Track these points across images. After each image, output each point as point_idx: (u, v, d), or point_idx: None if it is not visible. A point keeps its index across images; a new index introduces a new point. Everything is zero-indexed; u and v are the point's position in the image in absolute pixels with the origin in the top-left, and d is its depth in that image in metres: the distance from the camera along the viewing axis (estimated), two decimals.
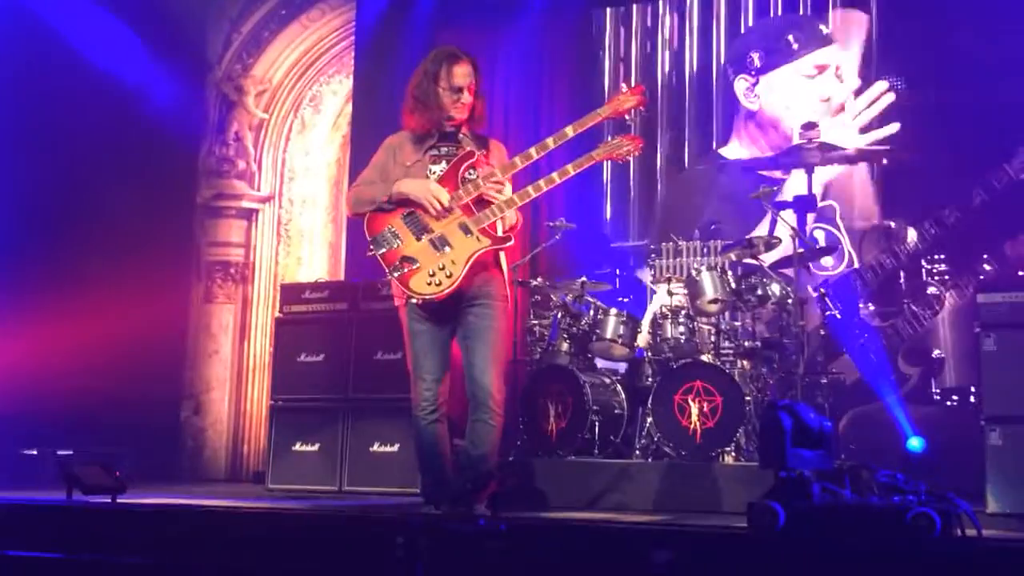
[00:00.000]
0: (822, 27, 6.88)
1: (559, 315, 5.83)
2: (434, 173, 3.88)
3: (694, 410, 5.15)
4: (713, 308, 5.46)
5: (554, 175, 3.92)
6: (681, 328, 5.51)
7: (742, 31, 7.22)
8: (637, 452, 5.47)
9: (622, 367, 5.95)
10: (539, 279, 6.10)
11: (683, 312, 5.56)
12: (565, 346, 5.75)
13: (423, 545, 2.97)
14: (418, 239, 3.79)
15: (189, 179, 8.05)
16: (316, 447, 5.69)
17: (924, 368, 5.60)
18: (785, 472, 2.96)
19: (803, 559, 2.77)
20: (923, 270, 5.64)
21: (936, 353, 5.50)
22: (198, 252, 8.03)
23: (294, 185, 8.16)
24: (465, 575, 3.08)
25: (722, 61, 7.26)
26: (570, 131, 3.94)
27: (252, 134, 8.17)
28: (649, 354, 5.70)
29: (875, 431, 5.50)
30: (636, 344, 5.71)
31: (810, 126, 6.19)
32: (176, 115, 7.78)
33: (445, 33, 7.39)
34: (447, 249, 3.74)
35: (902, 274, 5.68)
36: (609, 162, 4.09)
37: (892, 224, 5.84)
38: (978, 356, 4.63)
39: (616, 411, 5.59)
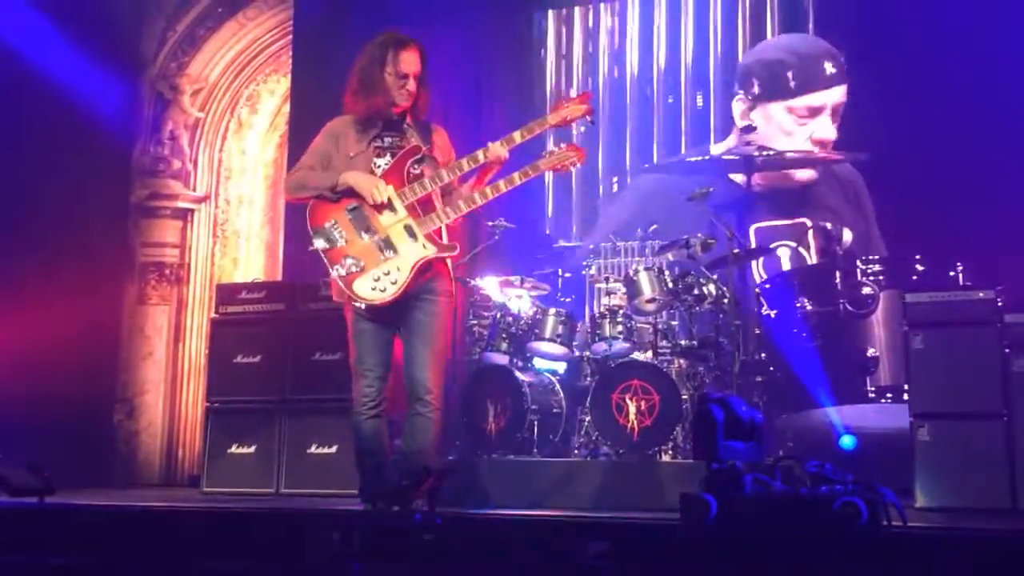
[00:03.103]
0: (828, 66, 6.75)
1: (498, 315, 5.85)
2: (379, 167, 3.83)
3: (631, 409, 5.21)
4: (650, 307, 5.54)
5: (501, 183, 3.93)
6: (619, 327, 5.56)
7: (681, 35, 7.31)
8: (576, 451, 5.51)
9: (561, 367, 5.98)
10: (478, 278, 6.11)
11: (621, 311, 5.62)
12: (504, 346, 5.77)
13: (359, 541, 2.96)
14: (362, 238, 3.75)
15: (123, 179, 7.92)
16: (252, 449, 5.64)
17: (859, 367, 5.70)
18: (717, 464, 3.02)
19: (735, 548, 2.82)
20: (858, 270, 5.73)
21: (871, 352, 5.60)
22: (132, 253, 7.90)
23: (230, 185, 8.07)
24: (402, 570, 3.09)
25: (662, 64, 7.35)
26: (518, 137, 3.96)
27: (187, 133, 8.07)
28: (588, 353, 5.75)
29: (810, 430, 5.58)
30: (574, 343, 5.76)
31: (748, 129, 6.29)
32: (109, 113, 7.65)
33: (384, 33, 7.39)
34: (392, 253, 3.71)
35: (838, 274, 5.77)
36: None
37: (829, 225, 5.94)
38: (906, 354, 4.75)
39: (555, 410, 5.63)
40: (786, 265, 6.52)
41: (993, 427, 4.50)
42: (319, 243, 3.79)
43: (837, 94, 6.72)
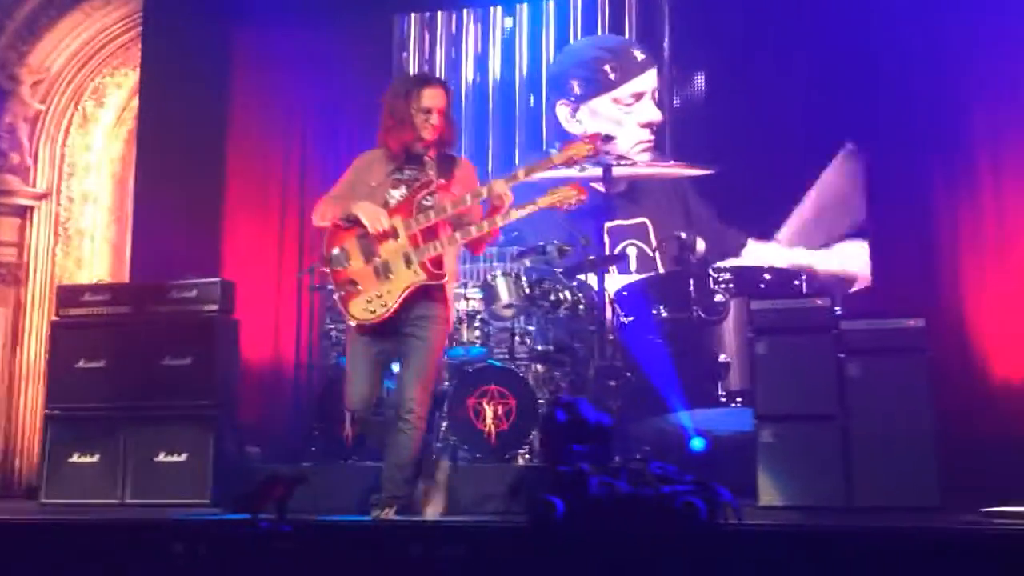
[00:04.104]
0: (637, 53, 7.24)
1: None
2: (393, 198, 4.05)
3: (489, 413, 5.31)
4: (508, 313, 5.64)
5: (497, 218, 4.04)
6: (476, 332, 5.64)
7: (543, 43, 7.46)
8: (433, 456, 5.55)
9: None
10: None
11: (478, 316, 5.70)
12: None
13: (203, 551, 2.94)
14: (365, 263, 4.00)
15: None
16: (96, 458, 5.44)
17: (711, 372, 5.92)
18: (564, 466, 3.12)
19: (581, 548, 2.93)
20: (710, 278, 5.97)
21: (722, 357, 5.84)
22: None
23: (74, 182, 7.79)
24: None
25: (524, 72, 7.49)
26: (521, 174, 4.10)
27: (27, 126, 7.74)
28: (446, 358, 5.81)
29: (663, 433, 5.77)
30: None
31: (607, 139, 6.49)
32: None
33: (239, 30, 7.28)
34: (388, 277, 3.95)
35: (691, 282, 6.00)
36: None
37: (683, 234, 6.15)
38: (751, 359, 4.98)
39: None
40: (634, 264, 6.74)
41: (829, 428, 4.75)
42: (329, 265, 4.09)
43: (652, 78, 7.21)
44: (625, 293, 6.13)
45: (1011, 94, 5.49)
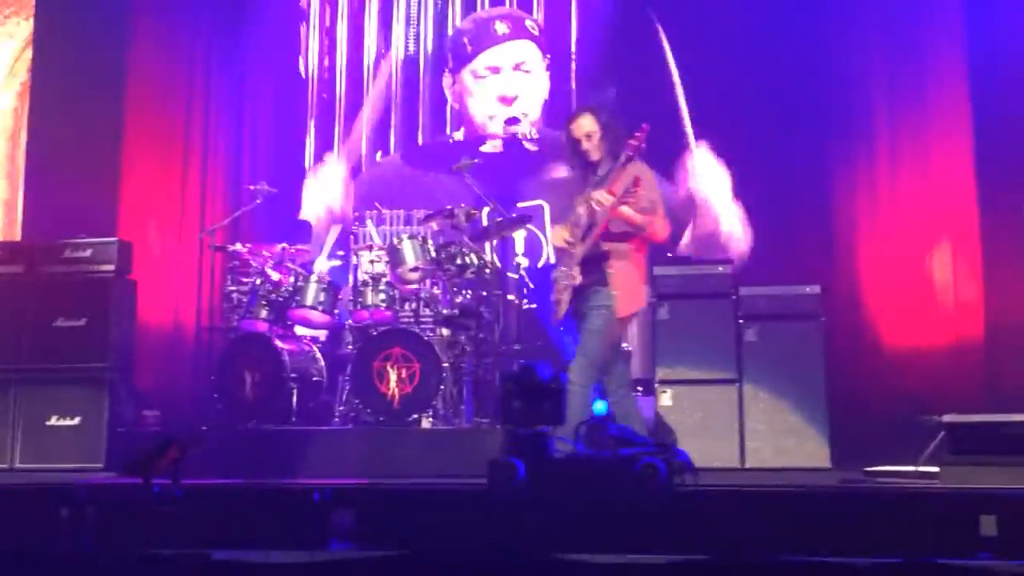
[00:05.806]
0: (499, 25, 6.65)
1: (258, 281, 5.27)
2: (578, 214, 4.11)
3: (392, 376, 4.90)
4: (414, 276, 5.23)
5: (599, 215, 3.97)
6: (382, 296, 5.18)
7: (449, 17, 6.92)
8: (336, 419, 5.14)
9: (323, 334, 5.48)
10: (238, 244, 5.46)
11: (384, 280, 5.20)
12: (264, 313, 5.28)
13: (91, 514, 2.42)
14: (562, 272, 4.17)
15: None
16: None
17: None
18: (524, 429, 2.73)
19: (542, 510, 2.63)
20: None
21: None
22: None
23: None
24: (140, 540, 2.60)
25: (430, 46, 6.93)
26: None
27: None
28: (350, 321, 5.30)
29: None
30: (336, 311, 5.27)
31: (513, 121, 6.09)
32: None
33: None
34: (566, 283, 4.10)
35: None
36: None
37: None
38: (652, 324, 4.69)
39: (315, 378, 5.28)
40: (520, 247, 6.27)
41: (727, 392, 4.51)
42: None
43: (514, 50, 6.55)
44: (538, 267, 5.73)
45: (907, 69, 5.26)
